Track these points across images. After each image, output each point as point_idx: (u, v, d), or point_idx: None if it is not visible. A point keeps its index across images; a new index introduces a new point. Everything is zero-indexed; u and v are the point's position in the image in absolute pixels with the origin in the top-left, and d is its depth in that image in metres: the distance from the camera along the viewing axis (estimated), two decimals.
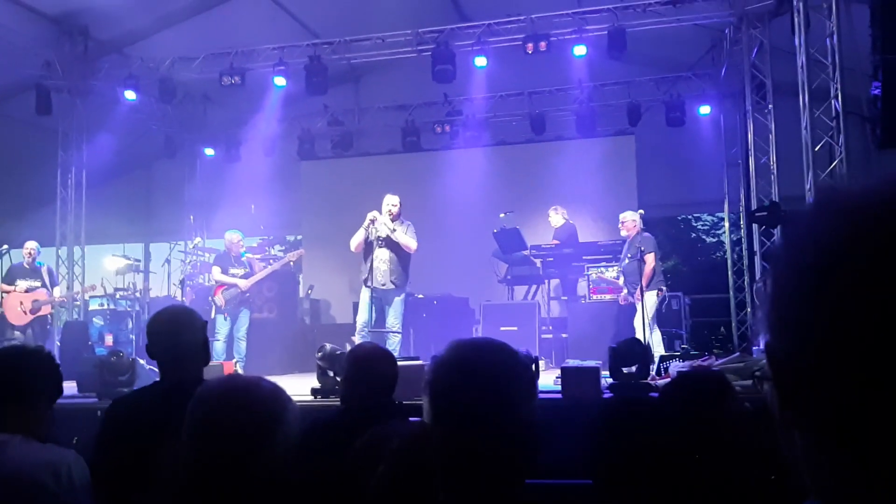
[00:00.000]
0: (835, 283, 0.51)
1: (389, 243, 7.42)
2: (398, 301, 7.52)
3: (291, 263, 10.21)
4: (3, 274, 9.22)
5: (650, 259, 7.77)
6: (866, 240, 0.51)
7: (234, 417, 1.44)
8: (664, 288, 8.02)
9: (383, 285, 7.41)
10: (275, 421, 1.46)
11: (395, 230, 7.40)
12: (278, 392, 1.54)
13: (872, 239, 0.51)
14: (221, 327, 8.47)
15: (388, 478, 1.34)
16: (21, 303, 8.85)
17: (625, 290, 8.30)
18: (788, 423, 0.56)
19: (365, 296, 7.51)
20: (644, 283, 7.66)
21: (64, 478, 1.83)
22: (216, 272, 8.71)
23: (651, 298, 7.77)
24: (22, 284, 8.94)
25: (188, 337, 2.53)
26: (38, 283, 9.04)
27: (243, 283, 8.55)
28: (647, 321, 7.59)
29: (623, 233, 8.13)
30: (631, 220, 8.07)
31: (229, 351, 8.49)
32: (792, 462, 0.57)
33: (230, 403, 1.46)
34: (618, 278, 8.58)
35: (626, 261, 8.06)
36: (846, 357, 0.50)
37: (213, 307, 8.55)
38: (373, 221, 7.38)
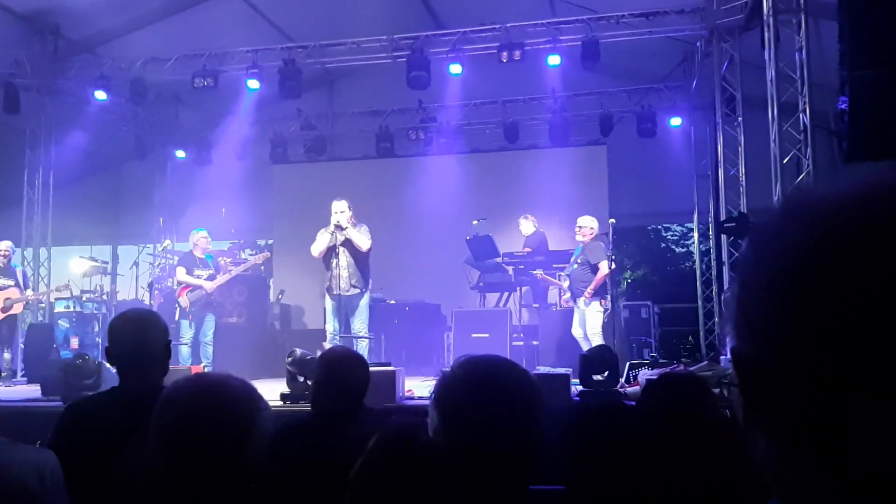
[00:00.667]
0: (802, 287, 0.51)
1: (348, 248, 7.38)
2: (363, 305, 7.49)
3: (262, 268, 10.15)
4: None
5: (604, 266, 7.87)
6: (834, 243, 0.51)
7: (206, 419, 1.39)
8: (608, 298, 8.09)
9: (347, 291, 7.37)
10: (248, 420, 1.42)
11: (345, 228, 7.36)
12: (250, 390, 1.49)
13: (840, 242, 0.51)
14: (186, 332, 8.34)
15: (369, 476, 1.33)
16: None
17: (567, 294, 8.42)
18: (753, 426, 0.56)
19: (329, 304, 7.48)
20: (592, 290, 7.78)
21: (47, 479, 1.81)
22: (180, 273, 8.59)
23: (595, 307, 7.86)
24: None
25: (152, 341, 2.47)
26: (11, 283, 8.84)
27: (208, 285, 8.44)
28: (588, 330, 7.70)
29: (579, 237, 8.17)
30: (589, 227, 8.14)
31: (195, 355, 8.37)
32: (757, 464, 0.57)
33: (200, 404, 1.42)
34: (563, 281, 8.63)
35: (576, 265, 8.09)
36: (812, 360, 0.50)
37: (178, 309, 8.43)
38: (338, 226, 7.33)
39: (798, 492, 0.53)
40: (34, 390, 7.05)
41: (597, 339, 7.59)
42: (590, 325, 7.78)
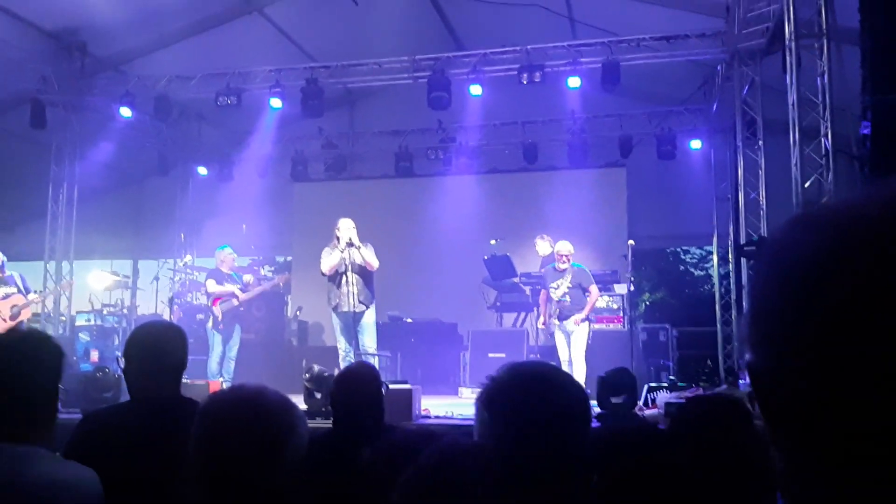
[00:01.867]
0: (815, 298, 0.51)
1: (358, 266, 7.44)
2: (371, 322, 7.55)
3: (280, 286, 10.22)
4: None
5: (595, 290, 7.88)
6: (848, 252, 0.50)
7: (243, 430, 1.42)
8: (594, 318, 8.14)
9: (356, 307, 7.41)
10: (284, 432, 1.44)
11: (359, 247, 7.42)
12: (285, 402, 1.52)
13: (854, 251, 0.50)
14: (216, 345, 8.45)
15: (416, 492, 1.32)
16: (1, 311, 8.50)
17: (542, 319, 8.28)
18: (771, 440, 0.56)
19: (337, 323, 7.53)
20: (586, 314, 7.79)
21: (84, 498, 1.79)
22: (211, 285, 8.70)
23: (584, 329, 7.84)
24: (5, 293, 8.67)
25: (168, 354, 2.49)
26: (13, 290, 8.79)
27: (241, 295, 8.57)
28: (576, 352, 7.67)
29: (563, 265, 8.06)
30: (572, 253, 8.12)
31: (221, 370, 8.47)
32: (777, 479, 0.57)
33: (237, 416, 1.44)
34: (550, 303, 8.30)
35: (565, 290, 7.98)
36: (827, 373, 0.50)
37: (211, 319, 8.54)
38: (350, 244, 7.38)
39: None
40: None
41: (582, 362, 7.60)
42: (580, 347, 7.77)
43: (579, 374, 7.44)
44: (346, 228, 7.45)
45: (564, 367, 7.62)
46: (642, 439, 1.88)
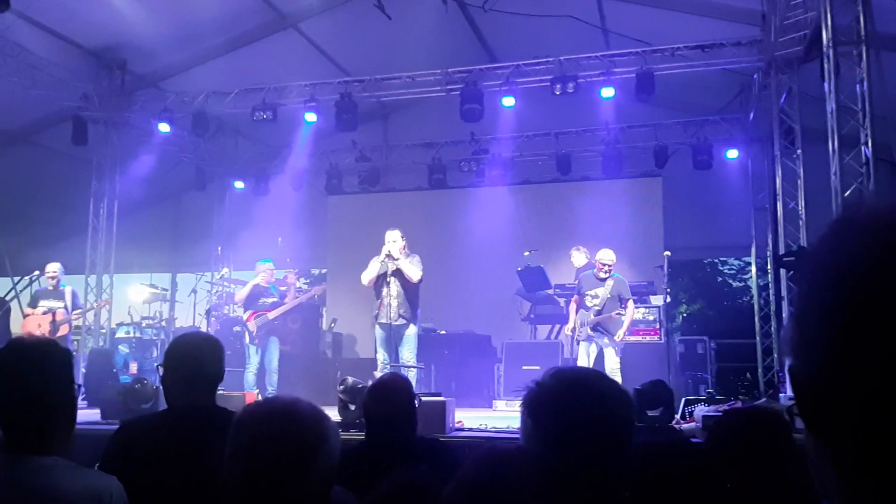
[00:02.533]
0: (858, 303, 0.50)
1: (399, 278, 7.43)
2: (411, 335, 7.51)
3: (316, 297, 10.30)
4: (30, 299, 9.21)
5: (632, 304, 7.85)
6: (891, 257, 0.50)
7: (276, 442, 1.44)
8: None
9: (396, 320, 7.41)
10: (317, 443, 1.46)
11: (398, 259, 7.42)
12: (318, 413, 1.53)
13: None
14: (252, 358, 8.54)
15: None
16: (39, 325, 8.71)
17: (571, 325, 8.05)
18: (812, 449, 0.55)
19: (379, 332, 7.53)
20: (625, 330, 7.68)
21: None
22: (238, 291, 8.87)
23: (618, 345, 7.76)
24: (43, 306, 8.82)
25: (204, 364, 2.54)
26: (59, 304, 8.89)
27: (271, 313, 8.64)
28: (612, 367, 7.54)
29: (604, 274, 7.89)
30: (612, 262, 7.95)
31: (260, 382, 8.54)
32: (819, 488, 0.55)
33: (271, 428, 1.46)
34: (589, 311, 8.05)
35: (605, 299, 7.80)
36: (871, 380, 0.49)
37: (246, 334, 8.64)
38: (389, 256, 7.40)
39: None
40: (94, 414, 7.22)
41: (618, 375, 7.44)
42: (616, 361, 7.64)
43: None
44: (389, 241, 7.48)
45: None
46: (677, 452, 1.84)
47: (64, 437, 1.84)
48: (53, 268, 9.02)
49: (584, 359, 7.79)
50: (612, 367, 7.56)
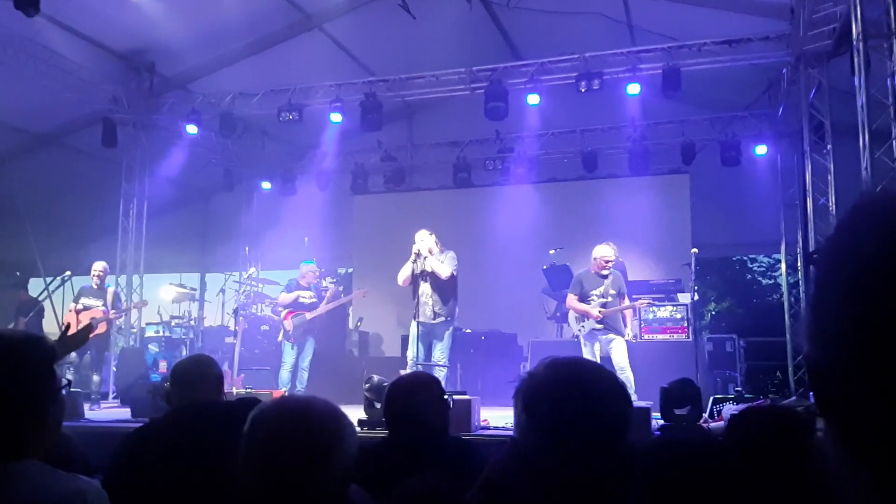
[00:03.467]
0: (878, 289, 0.49)
1: (433, 277, 7.47)
2: (446, 335, 7.54)
3: (352, 301, 10.41)
4: (74, 296, 9.31)
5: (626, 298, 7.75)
6: None
7: (290, 441, 1.43)
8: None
9: (431, 319, 7.45)
10: (332, 442, 1.45)
11: (426, 258, 7.44)
12: (334, 411, 1.52)
13: None
14: (288, 355, 8.63)
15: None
16: (79, 322, 8.65)
17: (583, 325, 7.77)
18: (830, 439, 0.54)
19: (413, 330, 7.56)
20: (628, 324, 7.61)
21: None
22: (283, 297, 8.99)
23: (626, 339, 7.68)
24: (83, 303, 8.92)
25: (205, 375, 2.72)
26: (99, 303, 9.02)
27: (309, 314, 8.77)
28: (624, 361, 7.41)
29: (605, 272, 7.76)
30: (614, 258, 7.85)
31: (294, 380, 8.62)
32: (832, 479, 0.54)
33: (285, 426, 1.46)
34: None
35: (609, 296, 7.65)
36: (887, 368, 0.48)
37: (282, 331, 8.74)
38: (418, 255, 7.44)
39: None
40: (125, 412, 7.33)
41: (629, 370, 7.37)
42: (624, 359, 7.48)
43: (630, 381, 7.28)
44: (418, 240, 7.53)
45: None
46: (695, 450, 1.82)
47: (41, 438, 1.71)
48: (99, 266, 9.09)
49: (589, 356, 7.70)
50: (623, 364, 7.45)
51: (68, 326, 6.36)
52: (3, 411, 1.63)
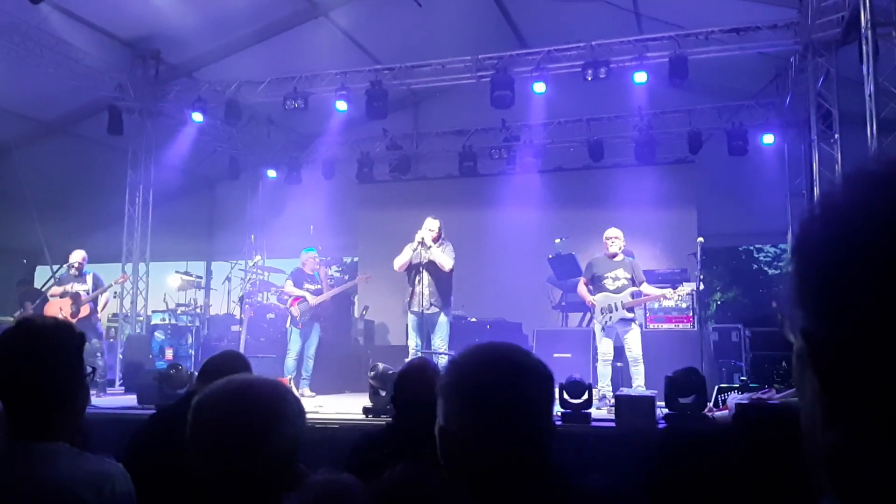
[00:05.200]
0: (881, 255, 0.47)
1: (430, 267, 7.47)
2: (442, 323, 7.55)
3: (357, 285, 10.41)
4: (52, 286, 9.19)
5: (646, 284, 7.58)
6: None
7: (229, 421, 1.45)
8: None
9: (427, 309, 7.45)
10: (271, 419, 1.47)
11: (430, 248, 7.45)
12: (277, 390, 1.53)
13: None
14: (294, 343, 8.65)
15: None
16: (61, 308, 8.65)
17: (610, 315, 7.53)
18: (825, 416, 0.52)
19: (411, 320, 7.57)
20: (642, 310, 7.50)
21: (107, 493, 1.74)
22: (288, 285, 9.00)
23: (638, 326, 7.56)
24: (65, 290, 8.76)
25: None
26: (83, 287, 8.79)
27: (312, 299, 8.78)
28: (639, 350, 7.31)
29: (615, 249, 7.59)
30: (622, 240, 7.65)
31: (299, 367, 8.65)
32: (812, 461, 0.53)
33: (225, 407, 1.48)
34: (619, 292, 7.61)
35: (624, 281, 7.46)
36: (886, 335, 0.46)
37: (289, 318, 8.77)
38: (422, 243, 7.44)
39: (866, 486, 0.49)
40: (131, 399, 7.37)
41: (641, 362, 7.27)
42: (640, 346, 7.34)
43: (642, 372, 7.25)
44: (424, 228, 7.52)
45: (605, 365, 7.45)
46: (702, 441, 1.82)
47: (69, 422, 1.80)
48: (77, 256, 8.91)
49: (608, 347, 7.52)
50: (638, 354, 7.34)
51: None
52: (36, 395, 1.72)
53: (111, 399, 8.20)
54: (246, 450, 1.43)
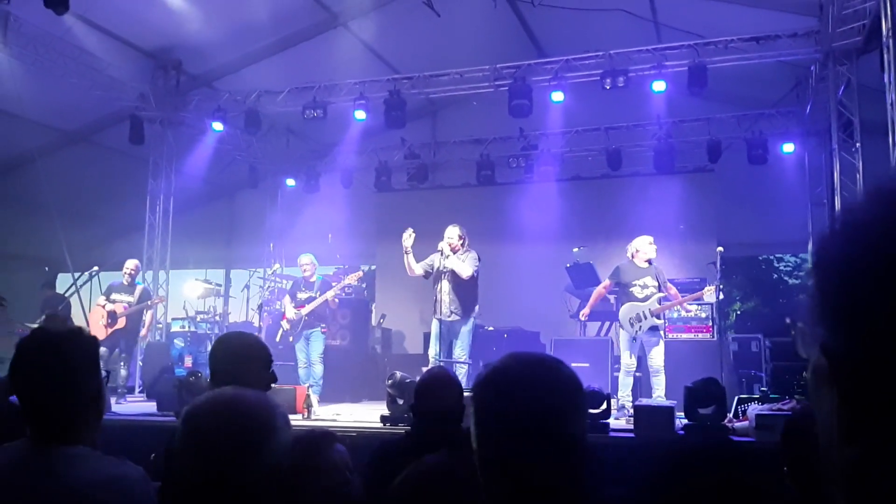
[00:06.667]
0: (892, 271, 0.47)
1: (451, 275, 7.48)
2: (464, 331, 7.54)
3: (364, 286, 10.30)
4: (103, 291, 9.42)
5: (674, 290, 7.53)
6: None
7: (217, 433, 1.45)
8: None
9: (448, 316, 7.46)
10: (260, 432, 1.46)
11: (448, 256, 7.46)
12: (264, 402, 1.53)
13: None
14: (300, 353, 8.63)
15: None
16: (102, 317, 8.98)
17: (587, 311, 7.70)
18: (846, 432, 0.52)
19: (434, 327, 7.58)
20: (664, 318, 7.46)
21: (127, 496, 1.78)
22: (286, 300, 8.96)
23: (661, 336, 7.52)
24: (113, 298, 9.08)
25: (253, 368, 2.63)
26: (128, 300, 9.10)
27: (290, 313, 8.70)
28: (662, 362, 7.27)
29: (644, 260, 7.65)
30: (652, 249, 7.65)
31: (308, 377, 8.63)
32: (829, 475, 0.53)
33: (213, 419, 1.47)
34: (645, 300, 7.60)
35: (653, 289, 7.48)
36: None
37: (280, 331, 8.78)
38: (441, 252, 7.47)
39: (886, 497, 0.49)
40: (151, 406, 7.43)
41: (663, 373, 7.25)
42: (662, 358, 7.34)
43: (663, 383, 7.22)
44: (446, 236, 7.55)
45: (628, 375, 7.41)
46: (721, 457, 1.79)
47: (90, 426, 1.84)
48: (131, 264, 9.29)
49: (631, 357, 7.51)
50: (660, 365, 7.34)
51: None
52: (57, 398, 1.78)
53: (131, 406, 8.27)
54: (237, 462, 1.44)
